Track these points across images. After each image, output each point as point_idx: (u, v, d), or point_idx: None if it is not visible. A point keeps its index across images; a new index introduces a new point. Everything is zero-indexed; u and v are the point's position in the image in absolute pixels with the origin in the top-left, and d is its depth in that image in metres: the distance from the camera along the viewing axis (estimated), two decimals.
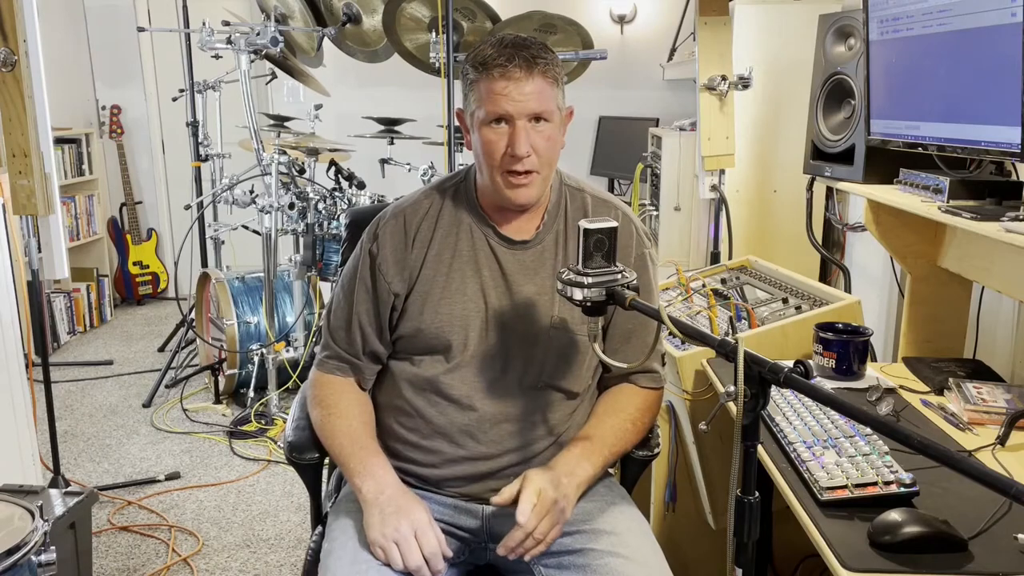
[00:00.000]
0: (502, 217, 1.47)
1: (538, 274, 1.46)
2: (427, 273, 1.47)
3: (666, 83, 5.18)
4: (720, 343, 1.07)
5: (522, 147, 1.35)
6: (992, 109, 1.60)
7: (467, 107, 1.42)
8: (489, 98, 1.35)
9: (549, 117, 1.37)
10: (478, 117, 1.38)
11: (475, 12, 3.44)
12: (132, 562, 2.54)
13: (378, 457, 1.44)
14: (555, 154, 1.42)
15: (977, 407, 1.59)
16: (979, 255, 1.90)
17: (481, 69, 1.35)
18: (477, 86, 1.37)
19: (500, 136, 1.36)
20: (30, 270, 2.51)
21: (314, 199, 3.61)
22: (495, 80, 1.34)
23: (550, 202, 1.49)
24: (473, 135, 1.41)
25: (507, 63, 1.33)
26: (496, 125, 1.36)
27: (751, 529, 1.06)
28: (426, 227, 1.49)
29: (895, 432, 0.90)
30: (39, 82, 2.33)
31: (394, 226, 1.49)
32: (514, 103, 1.34)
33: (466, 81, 1.40)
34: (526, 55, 1.34)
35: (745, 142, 3.29)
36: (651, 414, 1.53)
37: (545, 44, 1.39)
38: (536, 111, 1.35)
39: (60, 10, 5.15)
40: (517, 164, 1.36)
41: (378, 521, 1.33)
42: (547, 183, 1.45)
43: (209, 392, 3.84)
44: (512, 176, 1.38)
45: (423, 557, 1.30)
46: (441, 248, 1.47)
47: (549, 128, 1.38)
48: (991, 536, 1.17)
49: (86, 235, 5.14)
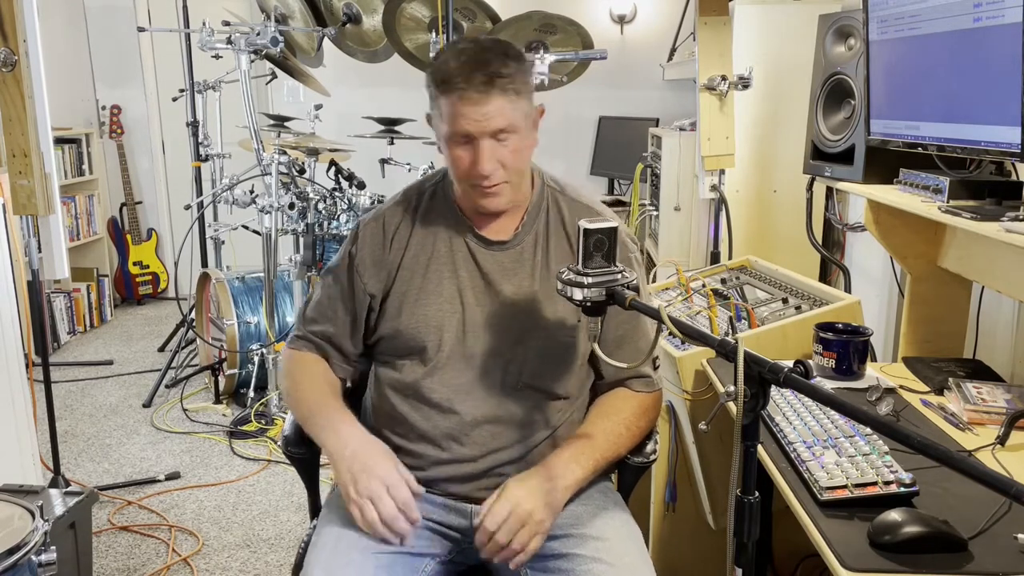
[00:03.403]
0: (480, 218, 1.47)
1: (516, 275, 1.46)
2: (404, 275, 1.47)
3: (666, 83, 5.18)
4: (720, 343, 1.07)
5: (486, 166, 1.35)
6: (992, 109, 1.60)
7: (433, 116, 1.42)
8: (450, 118, 1.34)
9: (513, 130, 1.36)
10: (443, 131, 1.38)
11: (475, 12, 3.44)
12: (132, 562, 2.54)
13: (342, 413, 1.45)
14: (524, 161, 1.42)
15: (977, 407, 1.59)
16: (979, 255, 1.90)
17: (441, 87, 1.34)
18: (438, 102, 1.36)
19: (466, 152, 1.36)
20: (30, 270, 2.51)
21: (314, 199, 3.61)
22: (455, 100, 1.33)
23: (530, 203, 1.48)
24: (441, 144, 1.41)
25: (465, 85, 1.31)
26: (461, 142, 1.36)
27: (751, 529, 1.06)
28: (404, 228, 1.49)
29: (895, 432, 0.90)
30: (39, 82, 2.33)
31: (374, 228, 1.50)
32: (475, 123, 1.33)
33: (429, 93, 1.39)
34: (483, 74, 1.31)
35: (745, 142, 3.29)
36: (647, 418, 1.52)
37: (506, 50, 1.36)
38: (498, 127, 1.34)
39: (60, 10, 5.15)
40: (483, 180, 1.37)
41: (349, 480, 1.35)
42: (519, 187, 1.45)
43: (209, 392, 3.84)
44: (482, 188, 1.39)
45: (397, 509, 1.33)
46: (418, 250, 1.48)
47: (514, 140, 1.37)
48: (991, 536, 1.17)
49: (86, 235, 5.14)
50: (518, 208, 1.47)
